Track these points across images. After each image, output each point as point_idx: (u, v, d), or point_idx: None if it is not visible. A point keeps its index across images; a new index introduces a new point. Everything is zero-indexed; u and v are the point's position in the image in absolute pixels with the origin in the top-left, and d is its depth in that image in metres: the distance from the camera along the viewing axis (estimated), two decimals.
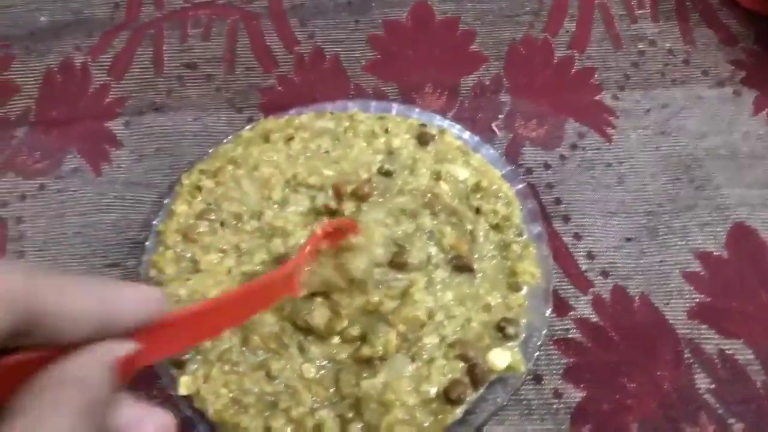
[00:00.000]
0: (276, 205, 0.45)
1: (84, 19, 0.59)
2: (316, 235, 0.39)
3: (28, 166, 0.51)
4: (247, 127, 0.50)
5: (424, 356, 0.38)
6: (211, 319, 0.27)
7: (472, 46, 0.57)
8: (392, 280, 0.40)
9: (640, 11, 0.59)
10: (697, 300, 0.44)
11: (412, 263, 0.41)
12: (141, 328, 0.22)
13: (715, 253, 0.46)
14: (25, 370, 0.20)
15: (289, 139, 0.48)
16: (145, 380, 0.41)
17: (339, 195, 0.45)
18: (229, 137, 0.50)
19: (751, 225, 0.47)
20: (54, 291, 0.20)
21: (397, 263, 0.41)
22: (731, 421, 0.39)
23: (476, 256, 0.43)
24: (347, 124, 0.49)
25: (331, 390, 0.38)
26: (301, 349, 0.39)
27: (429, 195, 0.45)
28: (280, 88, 0.55)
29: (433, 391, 0.37)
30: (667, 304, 0.44)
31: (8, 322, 0.19)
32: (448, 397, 0.37)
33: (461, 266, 0.42)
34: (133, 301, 0.22)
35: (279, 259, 0.42)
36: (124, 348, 0.22)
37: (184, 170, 0.48)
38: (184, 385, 0.39)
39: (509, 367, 0.38)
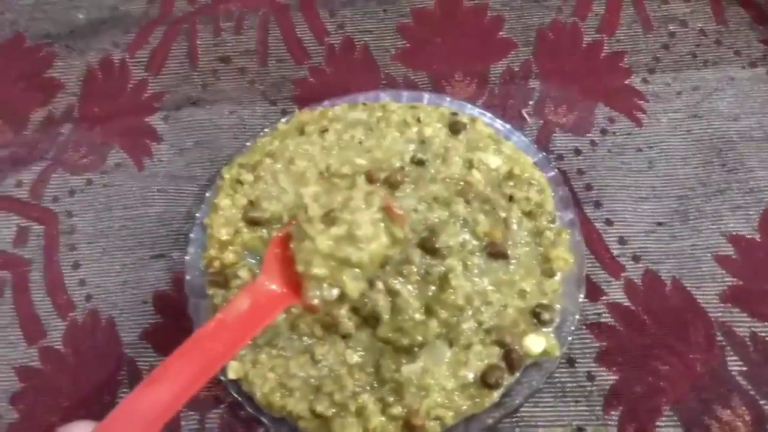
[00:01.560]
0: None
1: (120, 16, 0.61)
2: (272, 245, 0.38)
3: (74, 162, 0.53)
4: (283, 120, 0.51)
5: (462, 342, 0.40)
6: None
7: (500, 33, 0.57)
8: (428, 265, 0.42)
9: None
10: (730, 283, 0.44)
11: (443, 247, 0.42)
12: None
13: (747, 236, 0.46)
14: None
15: (324, 131, 0.49)
16: None
17: (372, 182, 0.46)
18: (266, 130, 0.51)
19: None
20: None
21: (429, 248, 0.42)
22: (763, 402, 0.40)
23: (510, 243, 0.44)
24: (380, 114, 0.50)
25: (372, 375, 0.40)
26: (345, 336, 0.40)
27: (462, 183, 0.46)
28: (312, 79, 0.56)
29: (470, 375, 0.39)
30: (699, 287, 0.44)
31: None
32: (486, 381, 0.39)
33: (496, 253, 0.43)
34: None
35: None
36: None
37: (224, 163, 0.50)
38: (233, 370, 0.41)
39: (544, 352, 0.40)
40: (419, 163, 0.47)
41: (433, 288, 0.41)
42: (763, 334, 0.43)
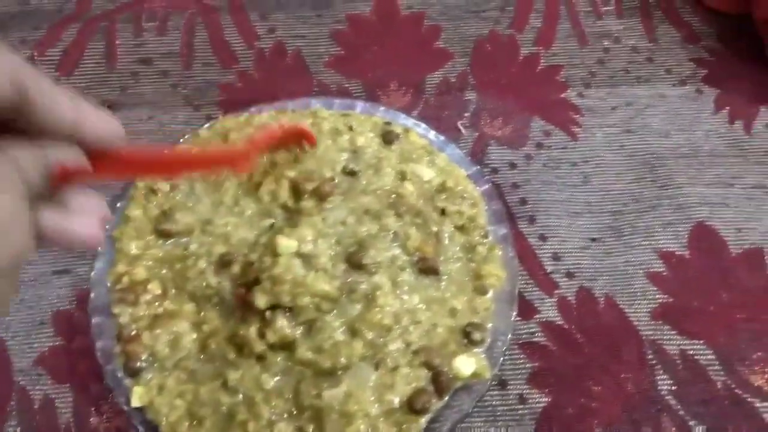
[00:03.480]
0: (226, 209, 0.43)
1: (31, 11, 0.56)
2: (275, 129, 0.40)
3: None
4: (205, 126, 0.48)
5: (389, 364, 0.38)
6: (164, 162, 0.31)
7: (437, 43, 0.56)
8: (354, 282, 0.39)
9: (605, 8, 0.59)
10: (660, 300, 0.44)
11: (371, 263, 0.40)
12: (99, 149, 0.26)
13: (677, 253, 0.46)
14: None
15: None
16: (97, 395, 0.39)
17: (297, 193, 0.43)
18: (186, 136, 0.48)
19: (711, 224, 0.47)
20: (40, 84, 0.23)
21: (356, 263, 0.40)
22: (692, 423, 0.40)
23: (441, 258, 0.42)
24: (310, 121, 0.48)
25: (290, 401, 0.37)
26: (260, 359, 0.37)
27: (393, 195, 0.44)
28: (239, 84, 0.53)
29: (396, 400, 0.37)
30: (631, 305, 0.44)
31: (4, 92, 0.22)
32: (412, 407, 0.36)
33: (427, 269, 0.41)
34: (100, 120, 0.26)
35: (222, 259, 0.41)
36: (72, 158, 0.25)
37: None
38: (138, 396, 0.37)
39: (474, 374, 0.38)
40: (351, 173, 0.45)
41: (358, 306, 0.38)
42: (691, 352, 0.42)
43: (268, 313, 0.37)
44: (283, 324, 0.37)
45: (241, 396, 0.37)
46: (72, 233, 0.25)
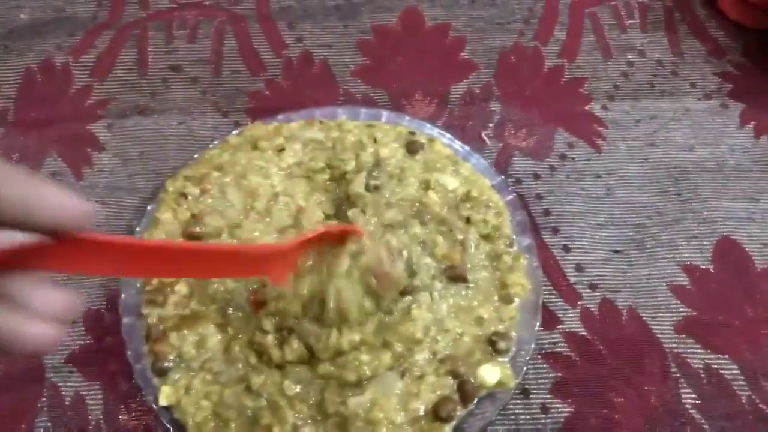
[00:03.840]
0: (257, 215, 0.44)
1: (66, 18, 0.58)
2: (317, 230, 0.36)
3: None
4: (234, 132, 0.49)
5: (415, 373, 0.38)
6: (164, 259, 0.27)
7: (462, 54, 0.57)
8: (393, 303, 0.39)
9: (629, 21, 0.59)
10: (684, 314, 0.44)
11: (416, 284, 0.40)
12: (60, 231, 0.23)
13: (701, 267, 0.46)
14: None
15: (280, 150, 0.47)
16: (126, 393, 0.40)
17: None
18: (216, 142, 0.49)
19: (736, 238, 0.47)
20: None
21: (406, 288, 0.40)
22: None
23: (468, 266, 0.42)
24: (336, 134, 0.48)
25: (315, 407, 0.37)
26: (280, 368, 0.38)
27: (417, 204, 0.44)
28: (267, 92, 0.54)
29: (422, 408, 0.37)
30: (655, 317, 0.44)
31: None
32: (438, 414, 0.37)
33: (455, 276, 0.42)
34: (58, 201, 0.22)
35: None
36: (9, 240, 0.22)
37: (169, 176, 0.47)
38: (165, 396, 0.38)
39: (499, 383, 0.38)
40: (375, 188, 0.45)
41: (390, 318, 0.39)
42: (716, 367, 0.42)
43: (284, 332, 0.37)
44: (300, 346, 0.37)
45: (265, 401, 0.37)
46: (19, 337, 0.21)
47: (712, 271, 0.46)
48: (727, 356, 0.42)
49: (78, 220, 0.23)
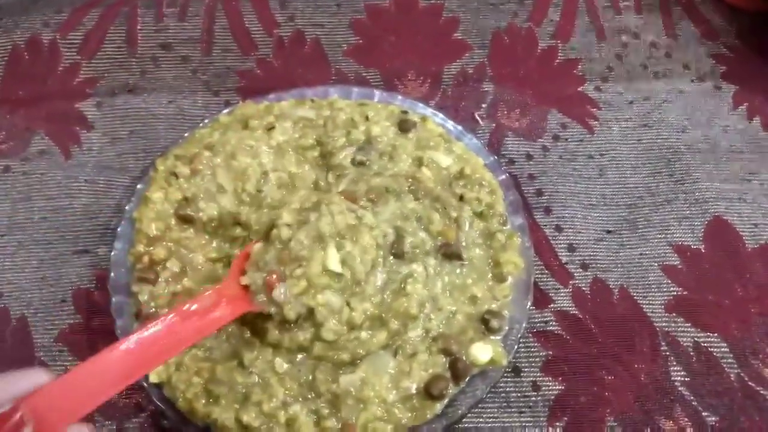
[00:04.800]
0: (248, 199, 0.43)
1: None
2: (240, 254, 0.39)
3: None
4: (225, 111, 0.48)
5: (408, 350, 0.38)
6: (131, 362, 0.29)
7: (455, 34, 0.56)
8: (394, 273, 0.39)
9: (623, 3, 0.59)
10: (675, 293, 0.44)
11: (409, 251, 0.40)
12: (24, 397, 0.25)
13: (692, 247, 0.46)
14: None
15: (270, 128, 0.46)
16: None
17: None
18: (206, 121, 0.48)
19: (727, 219, 0.47)
20: None
21: (399, 252, 0.40)
22: (705, 414, 0.40)
23: (463, 244, 0.42)
24: (327, 113, 0.48)
25: (306, 386, 0.37)
26: (274, 346, 0.38)
27: (411, 180, 0.44)
28: (258, 71, 0.54)
29: (413, 387, 0.37)
30: (645, 296, 0.44)
31: None
32: (429, 393, 0.37)
33: (450, 254, 0.41)
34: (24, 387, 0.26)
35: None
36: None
37: (159, 155, 0.46)
38: (155, 373, 0.38)
39: (491, 361, 0.38)
40: (360, 164, 0.45)
41: (388, 294, 0.39)
42: (705, 345, 0.42)
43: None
44: (305, 335, 0.37)
45: (256, 377, 0.37)
46: None
47: (703, 251, 0.46)
48: (716, 335, 0.43)
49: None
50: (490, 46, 0.56)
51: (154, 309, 0.40)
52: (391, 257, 0.40)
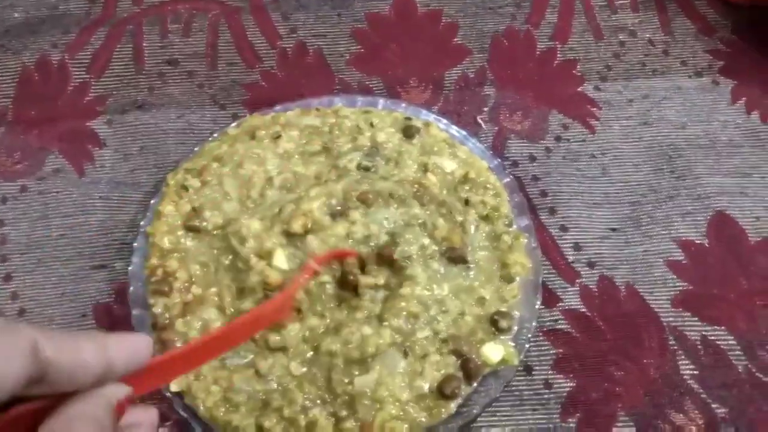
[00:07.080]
0: (252, 205, 0.44)
1: (60, 15, 0.58)
2: (310, 265, 0.40)
3: (7, 168, 0.50)
4: (233, 125, 0.50)
5: (418, 351, 0.39)
6: (200, 353, 0.31)
7: (455, 39, 0.57)
8: (386, 276, 0.41)
9: (619, 2, 0.60)
10: (681, 288, 0.45)
11: (401, 258, 0.41)
12: (132, 372, 0.26)
13: (696, 242, 0.47)
14: (33, 417, 0.23)
15: (277, 137, 0.47)
16: None
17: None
18: (215, 135, 0.49)
19: (730, 213, 0.48)
20: (57, 346, 0.23)
21: (387, 257, 0.41)
22: (715, 406, 0.41)
23: (469, 248, 0.43)
24: (333, 120, 0.49)
25: (323, 388, 0.38)
26: (283, 350, 0.39)
27: (416, 186, 0.45)
28: (263, 83, 0.55)
29: (426, 386, 0.38)
30: (652, 292, 0.45)
31: (25, 370, 0.22)
32: (442, 392, 0.38)
33: (455, 258, 0.42)
34: (124, 350, 0.26)
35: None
36: (122, 392, 0.26)
37: (170, 169, 0.47)
38: (176, 382, 0.39)
39: (503, 360, 0.39)
40: (365, 169, 0.46)
41: (385, 294, 0.40)
42: (713, 338, 0.43)
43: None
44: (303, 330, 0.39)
45: (275, 384, 0.38)
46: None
47: (707, 245, 0.47)
48: (723, 328, 0.43)
49: (144, 359, 0.26)
50: (490, 49, 0.57)
51: (168, 320, 0.41)
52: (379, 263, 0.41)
